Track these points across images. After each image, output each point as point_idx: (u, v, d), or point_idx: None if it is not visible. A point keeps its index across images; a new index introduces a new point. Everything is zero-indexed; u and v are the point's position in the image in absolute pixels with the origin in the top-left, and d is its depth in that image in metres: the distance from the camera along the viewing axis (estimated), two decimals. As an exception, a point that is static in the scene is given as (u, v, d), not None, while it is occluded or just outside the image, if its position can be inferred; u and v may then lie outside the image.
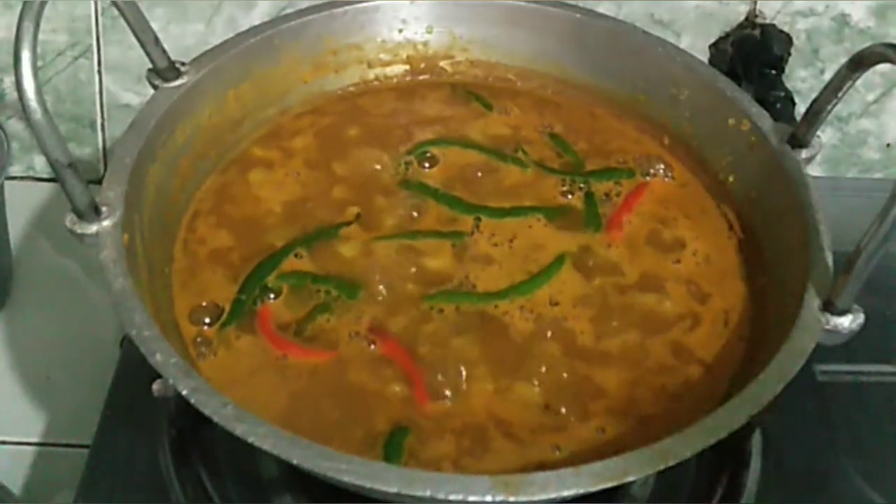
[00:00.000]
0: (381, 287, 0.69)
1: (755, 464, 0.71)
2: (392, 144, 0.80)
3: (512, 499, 0.53)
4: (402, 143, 0.80)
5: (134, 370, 0.75)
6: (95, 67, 0.97)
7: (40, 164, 1.02)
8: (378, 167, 0.78)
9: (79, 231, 0.63)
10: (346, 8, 0.81)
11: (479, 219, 0.74)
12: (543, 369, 0.65)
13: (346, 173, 0.77)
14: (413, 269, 0.71)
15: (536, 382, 0.65)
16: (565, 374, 0.66)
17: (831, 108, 0.69)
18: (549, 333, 0.67)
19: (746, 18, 0.96)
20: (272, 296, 0.69)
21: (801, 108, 0.78)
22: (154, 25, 0.71)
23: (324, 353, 0.66)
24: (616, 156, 0.80)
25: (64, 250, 0.95)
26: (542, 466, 0.60)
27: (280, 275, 0.70)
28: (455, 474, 0.54)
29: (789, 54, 0.96)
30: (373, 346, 0.66)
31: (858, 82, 0.67)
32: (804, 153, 0.71)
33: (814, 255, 0.65)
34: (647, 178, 0.78)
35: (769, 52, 0.94)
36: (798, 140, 0.71)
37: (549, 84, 0.84)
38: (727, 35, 0.96)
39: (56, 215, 0.70)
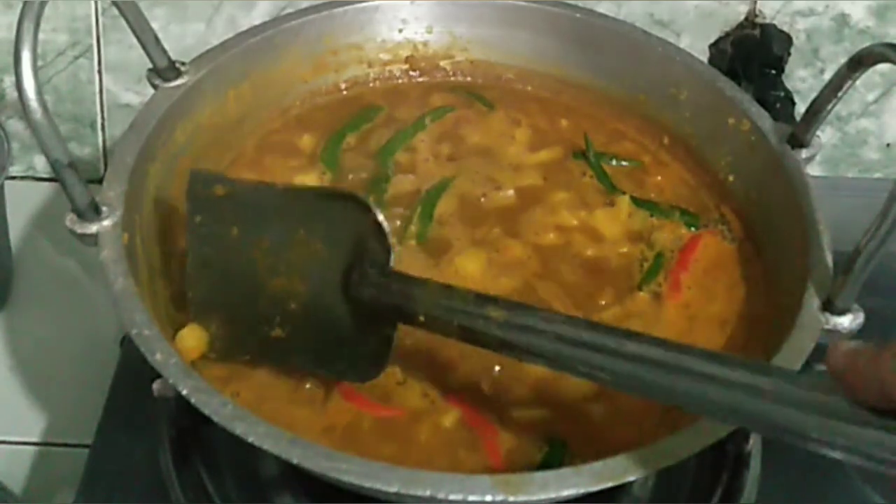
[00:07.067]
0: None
1: (755, 464, 0.71)
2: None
3: (512, 498, 0.53)
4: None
5: (134, 370, 0.75)
6: (95, 67, 0.97)
7: (40, 164, 1.02)
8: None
9: (79, 231, 0.63)
10: (346, 8, 0.81)
11: None
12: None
13: (348, 174, 0.77)
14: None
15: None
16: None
17: (831, 108, 0.69)
18: None
19: (746, 18, 0.96)
20: None
21: (801, 108, 0.77)
22: (154, 25, 0.71)
23: (398, 411, 0.64)
24: (617, 156, 0.80)
25: (64, 250, 0.95)
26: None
27: None
28: (455, 474, 0.54)
29: (789, 54, 0.96)
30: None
31: (858, 82, 0.67)
32: (804, 153, 0.71)
33: (814, 255, 0.65)
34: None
35: (769, 52, 0.94)
36: (798, 140, 0.71)
37: (549, 84, 0.84)
38: (727, 35, 0.96)
39: (56, 215, 0.69)
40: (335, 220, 0.62)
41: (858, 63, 0.65)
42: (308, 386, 0.64)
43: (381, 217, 0.60)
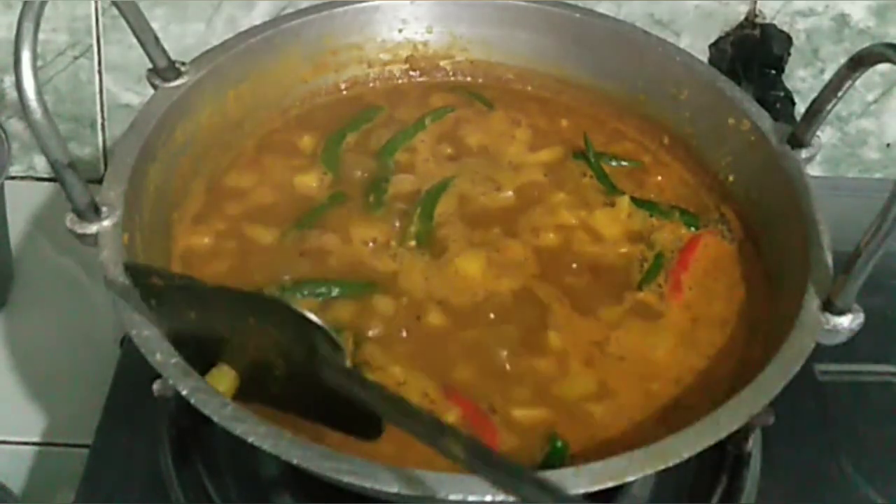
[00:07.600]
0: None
1: (755, 464, 0.71)
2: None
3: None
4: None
5: (134, 370, 0.75)
6: (95, 67, 0.97)
7: (40, 164, 1.02)
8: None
9: (79, 231, 0.63)
10: (346, 8, 0.81)
11: None
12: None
13: (347, 174, 0.77)
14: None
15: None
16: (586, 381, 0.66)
17: (831, 108, 0.69)
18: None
19: (746, 18, 0.96)
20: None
21: (801, 108, 0.78)
22: (154, 25, 0.71)
23: None
24: (617, 156, 0.80)
25: (64, 250, 0.95)
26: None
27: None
28: (455, 474, 0.54)
29: (789, 54, 0.96)
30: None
31: (858, 82, 0.67)
32: (804, 153, 0.71)
33: (814, 254, 0.65)
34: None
35: (769, 52, 0.94)
36: (798, 140, 0.71)
37: (549, 84, 0.84)
38: (727, 35, 0.96)
39: (56, 215, 0.70)
40: (277, 319, 0.58)
41: (858, 63, 0.65)
42: None
43: (316, 319, 0.56)
